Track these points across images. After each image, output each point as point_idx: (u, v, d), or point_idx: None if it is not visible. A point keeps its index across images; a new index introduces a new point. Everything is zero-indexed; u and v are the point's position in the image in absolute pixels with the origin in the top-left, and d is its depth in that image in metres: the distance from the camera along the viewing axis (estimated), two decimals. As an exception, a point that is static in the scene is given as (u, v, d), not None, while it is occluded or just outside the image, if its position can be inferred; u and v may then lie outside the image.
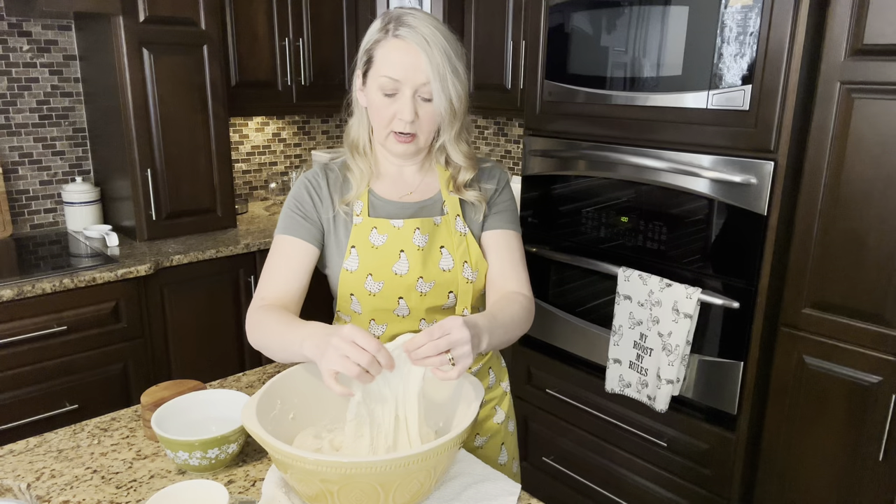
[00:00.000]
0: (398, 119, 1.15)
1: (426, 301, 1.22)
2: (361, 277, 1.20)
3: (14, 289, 2.01)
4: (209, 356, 2.51)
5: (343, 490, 0.87)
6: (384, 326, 1.24)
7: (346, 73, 3.05)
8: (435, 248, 1.23)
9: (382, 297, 1.21)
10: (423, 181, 1.28)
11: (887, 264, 1.61)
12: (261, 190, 3.28)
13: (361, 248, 1.21)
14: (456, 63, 1.14)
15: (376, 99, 1.16)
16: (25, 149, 2.57)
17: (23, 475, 1.09)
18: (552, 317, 2.29)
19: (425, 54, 1.11)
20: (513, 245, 1.29)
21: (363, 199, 1.23)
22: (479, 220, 1.28)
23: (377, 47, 1.15)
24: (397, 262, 1.20)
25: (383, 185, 1.26)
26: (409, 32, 1.12)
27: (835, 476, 1.78)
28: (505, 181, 1.33)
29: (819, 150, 1.68)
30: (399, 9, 1.17)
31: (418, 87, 1.13)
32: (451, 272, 1.22)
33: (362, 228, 1.22)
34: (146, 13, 2.34)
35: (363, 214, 1.22)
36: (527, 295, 1.27)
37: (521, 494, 1.04)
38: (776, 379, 1.85)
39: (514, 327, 1.17)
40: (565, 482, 2.37)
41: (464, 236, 1.25)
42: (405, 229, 1.21)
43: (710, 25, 1.74)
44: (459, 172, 1.26)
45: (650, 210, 1.98)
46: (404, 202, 1.25)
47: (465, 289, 1.24)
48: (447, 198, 1.26)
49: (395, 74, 1.12)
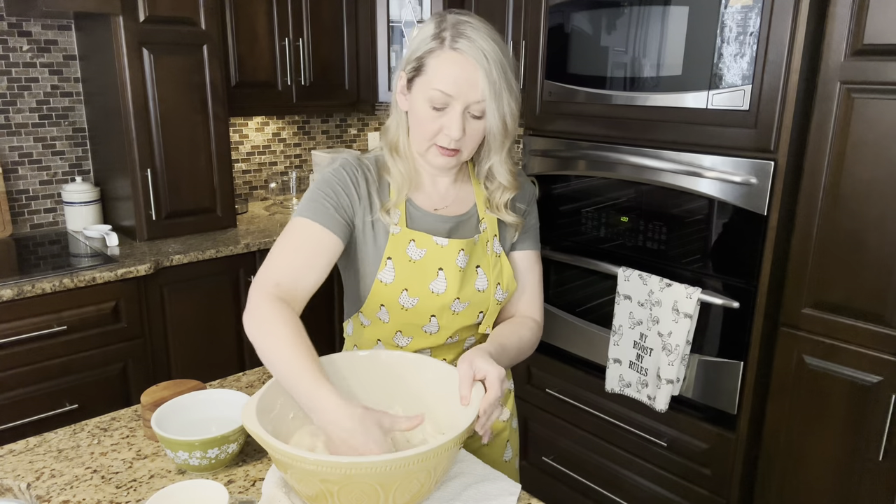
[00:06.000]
0: (444, 134, 1.10)
1: (457, 320, 1.20)
2: (396, 291, 1.15)
3: (14, 289, 2.01)
4: (209, 356, 2.51)
5: (343, 490, 0.87)
6: (410, 339, 1.21)
7: (346, 73, 3.06)
8: (472, 267, 1.19)
9: (415, 313, 1.17)
10: (458, 195, 1.23)
11: (887, 264, 1.61)
12: (261, 190, 3.28)
13: (398, 260, 1.15)
14: (511, 79, 1.09)
15: (422, 110, 1.10)
16: (25, 149, 2.57)
17: (23, 475, 1.09)
18: (552, 317, 2.29)
19: (483, 71, 1.05)
20: (536, 267, 1.30)
21: (401, 207, 1.17)
22: (512, 239, 1.27)
23: (430, 57, 1.08)
24: (435, 280, 1.16)
25: (420, 195, 1.20)
26: (467, 45, 1.05)
27: (835, 476, 1.78)
28: (533, 197, 1.31)
29: (819, 150, 1.68)
30: (455, 14, 1.10)
31: (470, 104, 1.08)
32: (485, 293, 1.20)
33: (400, 239, 1.16)
34: (146, 13, 2.34)
35: (401, 224, 1.16)
36: (538, 322, 1.29)
37: (520, 494, 1.04)
38: (776, 379, 1.85)
39: (518, 357, 1.21)
40: (565, 482, 2.37)
41: (499, 257, 1.23)
42: (449, 249, 1.16)
43: (710, 25, 1.74)
44: (499, 192, 1.21)
45: (650, 210, 1.98)
46: (440, 215, 1.20)
47: (493, 309, 1.22)
48: (485, 216, 1.23)
49: (448, 90, 1.06)
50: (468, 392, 1.01)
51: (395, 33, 2.96)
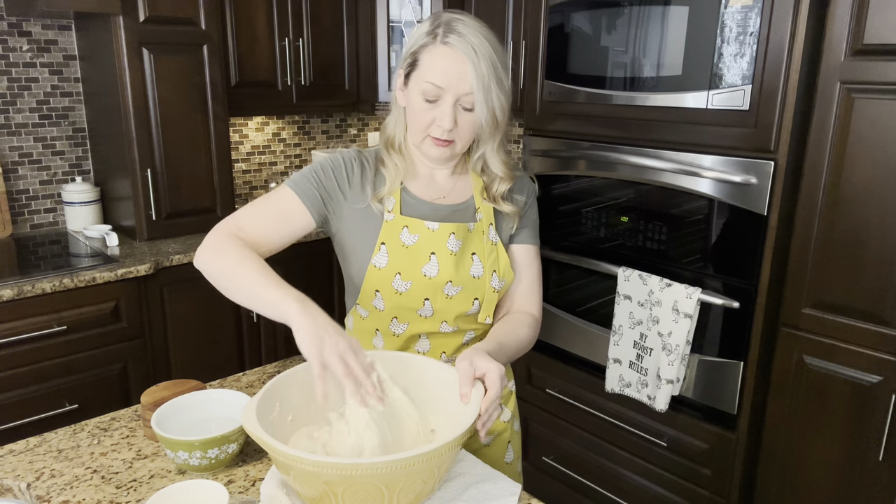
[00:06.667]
0: (436, 125, 1.15)
1: (451, 304, 1.22)
2: (390, 275, 1.19)
3: (14, 289, 2.01)
4: (209, 356, 2.51)
5: (347, 492, 0.87)
6: (406, 325, 1.24)
7: (346, 73, 3.06)
8: (467, 254, 1.22)
9: (409, 297, 1.20)
10: (456, 186, 1.27)
11: (887, 264, 1.61)
12: (261, 190, 3.28)
13: (391, 245, 1.19)
14: (501, 74, 1.14)
15: (416, 103, 1.15)
16: (25, 149, 2.57)
17: (23, 475, 1.09)
18: (552, 317, 2.29)
19: (472, 64, 1.10)
20: (535, 262, 1.32)
21: (395, 195, 1.21)
22: (510, 230, 1.29)
23: (423, 51, 1.14)
24: (427, 263, 1.19)
25: (417, 185, 1.25)
26: (457, 40, 1.11)
27: (835, 476, 1.78)
28: (533, 193, 1.34)
29: (819, 150, 1.68)
30: (449, 13, 1.16)
31: (461, 96, 1.12)
32: (480, 280, 1.23)
33: (393, 226, 1.20)
34: (146, 13, 2.34)
35: (395, 211, 1.20)
36: (536, 317, 1.31)
37: (521, 494, 1.04)
38: (776, 379, 1.85)
39: (515, 354, 1.23)
40: (565, 482, 2.37)
41: (495, 245, 1.25)
42: (440, 232, 1.20)
43: (710, 25, 1.74)
44: (495, 182, 1.26)
45: (650, 210, 1.98)
46: (437, 204, 1.24)
47: (490, 298, 1.24)
48: (481, 205, 1.26)
49: (438, 81, 1.12)
50: (468, 390, 1.02)
51: (395, 33, 2.96)
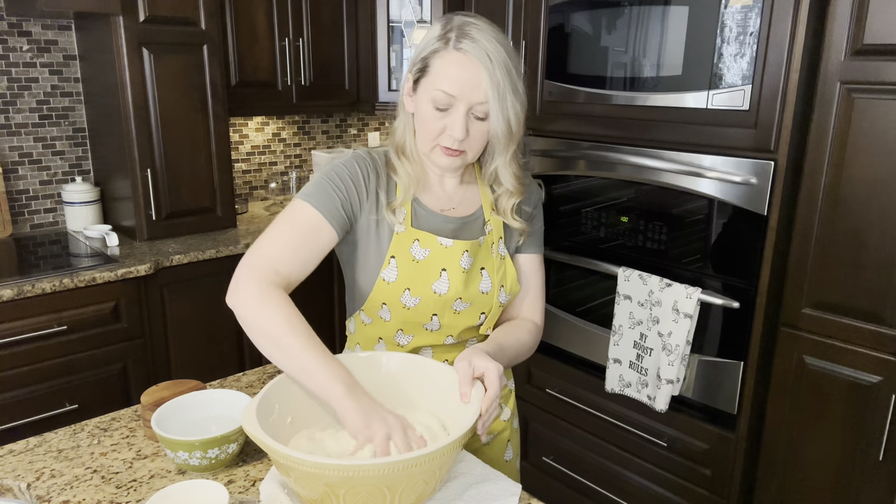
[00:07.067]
0: (447, 135, 1.10)
1: (459, 319, 1.20)
2: (398, 290, 1.15)
3: (14, 289, 2.01)
4: (209, 356, 2.51)
5: (349, 493, 0.87)
6: (411, 337, 1.21)
7: (346, 73, 3.05)
8: (476, 269, 1.19)
9: (416, 312, 1.17)
10: (465, 196, 1.23)
11: (887, 264, 1.61)
12: (261, 190, 3.28)
13: (402, 259, 1.15)
14: (517, 81, 1.09)
15: (426, 110, 1.10)
16: (25, 149, 2.57)
17: (23, 475, 1.09)
18: (552, 317, 2.29)
19: (486, 72, 1.05)
20: (539, 272, 1.30)
21: (406, 206, 1.17)
22: (517, 242, 1.27)
23: (435, 57, 1.08)
24: (437, 280, 1.16)
25: (427, 195, 1.20)
26: (471, 46, 1.05)
27: (835, 476, 1.78)
28: (539, 201, 1.32)
29: (819, 150, 1.68)
30: (461, 16, 1.10)
31: (473, 105, 1.07)
32: (489, 295, 1.20)
33: (404, 238, 1.15)
34: (146, 13, 2.34)
35: (406, 223, 1.16)
36: (538, 325, 1.30)
37: (521, 494, 1.04)
38: (776, 379, 1.85)
39: (516, 359, 1.22)
40: (565, 482, 2.37)
41: (503, 260, 1.23)
42: (453, 250, 1.16)
43: (710, 25, 1.74)
44: (505, 196, 1.21)
45: (650, 210, 1.98)
46: (446, 216, 1.20)
47: (495, 311, 1.23)
48: (491, 218, 1.22)
49: (451, 90, 1.06)
50: (468, 389, 1.02)
51: (395, 33, 2.96)
